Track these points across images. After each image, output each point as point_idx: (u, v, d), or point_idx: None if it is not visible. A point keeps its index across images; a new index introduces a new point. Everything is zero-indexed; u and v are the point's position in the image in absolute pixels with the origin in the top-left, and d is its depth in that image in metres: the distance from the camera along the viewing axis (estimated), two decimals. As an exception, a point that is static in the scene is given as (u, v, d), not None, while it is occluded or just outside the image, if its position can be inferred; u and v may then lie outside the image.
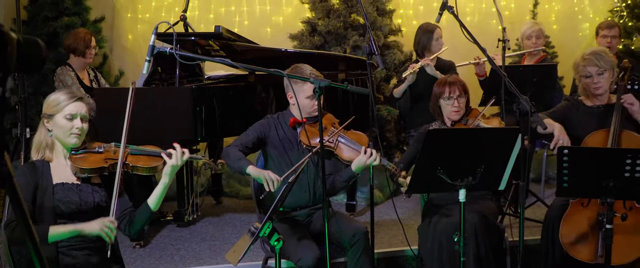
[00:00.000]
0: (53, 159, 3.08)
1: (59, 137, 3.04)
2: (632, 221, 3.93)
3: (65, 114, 2.99)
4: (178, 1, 6.51)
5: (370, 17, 6.26)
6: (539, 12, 7.54)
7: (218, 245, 4.89)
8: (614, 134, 4.05)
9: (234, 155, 3.80)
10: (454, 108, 4.22)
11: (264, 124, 4.03)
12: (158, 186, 3.13)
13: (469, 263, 3.82)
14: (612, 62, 4.23)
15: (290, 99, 3.97)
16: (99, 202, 3.09)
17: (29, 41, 1.45)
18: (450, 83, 4.24)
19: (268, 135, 4.00)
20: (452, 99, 4.21)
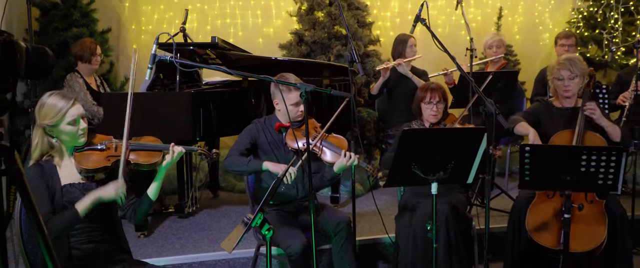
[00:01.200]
0: (60, 162, 2.99)
1: (67, 141, 2.97)
2: (592, 213, 3.95)
3: (69, 120, 2.89)
4: (178, 14, 6.48)
5: (351, 28, 6.29)
6: (502, 23, 7.57)
7: (215, 235, 4.86)
8: (578, 134, 4.07)
9: (241, 161, 3.84)
10: (432, 112, 4.26)
11: (253, 129, 4.04)
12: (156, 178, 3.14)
13: (440, 249, 3.84)
14: (584, 70, 4.25)
15: (276, 105, 3.98)
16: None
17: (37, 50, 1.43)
18: (432, 89, 4.28)
19: (258, 139, 4.01)
20: (431, 104, 4.24)
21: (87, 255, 2.99)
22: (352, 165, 3.77)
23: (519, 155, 3.51)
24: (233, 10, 7.16)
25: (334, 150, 3.85)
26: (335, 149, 3.85)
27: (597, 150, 3.47)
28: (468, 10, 7.58)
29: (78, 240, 2.97)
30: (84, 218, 2.89)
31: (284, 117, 3.94)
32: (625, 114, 5.40)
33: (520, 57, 7.49)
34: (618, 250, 4.08)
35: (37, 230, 1.40)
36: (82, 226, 2.96)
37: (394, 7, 7.50)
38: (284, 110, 3.77)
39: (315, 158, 3.90)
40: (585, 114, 4.12)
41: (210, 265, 4.44)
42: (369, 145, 6.42)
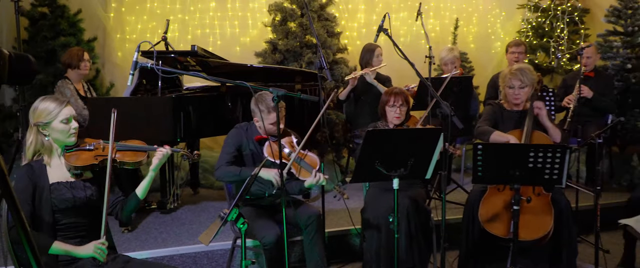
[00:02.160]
0: (50, 161, 2.96)
1: (59, 139, 2.94)
2: (539, 204, 4.00)
3: (62, 119, 2.89)
4: (160, 24, 6.43)
5: (321, 38, 6.31)
6: (459, 33, 7.64)
7: (195, 229, 4.83)
8: (526, 133, 4.13)
9: (232, 171, 3.87)
10: (396, 114, 4.29)
11: (236, 135, 4.04)
12: (145, 178, 3.13)
13: (402, 239, 3.87)
14: (534, 80, 4.30)
15: (256, 122, 4.00)
16: (90, 197, 3.00)
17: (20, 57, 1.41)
18: (396, 93, 4.31)
19: (242, 145, 4.01)
20: (395, 107, 4.27)
21: None
22: (320, 184, 3.80)
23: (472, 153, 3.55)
24: (212, 21, 7.13)
25: (306, 168, 3.87)
26: (307, 167, 3.87)
27: (543, 147, 3.51)
28: (427, 21, 7.64)
29: (65, 235, 2.93)
30: (67, 216, 2.91)
31: (263, 131, 3.97)
32: (570, 115, 5.49)
33: (474, 64, 7.57)
34: (564, 238, 4.13)
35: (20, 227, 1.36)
36: (69, 221, 2.93)
37: (360, 18, 7.53)
38: (266, 128, 3.88)
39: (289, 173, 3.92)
40: (533, 111, 4.17)
41: (190, 257, 4.40)
42: (338, 144, 6.45)
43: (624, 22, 6.57)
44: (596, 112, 5.85)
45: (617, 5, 6.61)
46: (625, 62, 6.47)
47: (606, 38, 6.69)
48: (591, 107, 5.75)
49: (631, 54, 6.50)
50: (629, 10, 6.55)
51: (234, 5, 7.16)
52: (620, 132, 6.41)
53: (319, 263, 3.90)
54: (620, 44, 6.56)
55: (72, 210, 2.93)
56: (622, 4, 6.58)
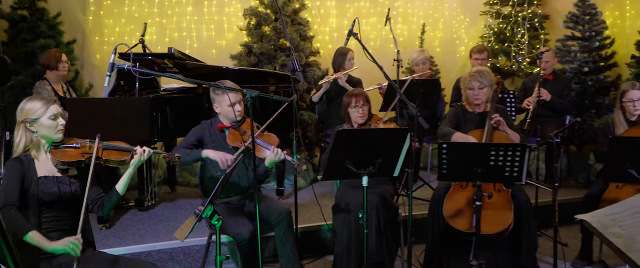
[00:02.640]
0: (38, 156, 2.98)
1: (46, 135, 2.96)
2: (500, 200, 4.04)
3: (50, 115, 2.92)
4: (138, 27, 6.37)
5: (294, 41, 6.31)
6: (425, 38, 7.70)
7: (172, 225, 4.78)
8: (487, 133, 4.17)
9: (185, 152, 3.87)
10: (359, 114, 4.28)
11: (199, 129, 4.06)
12: (124, 175, 3.13)
13: (371, 234, 3.87)
14: (492, 81, 4.36)
15: (216, 108, 4.00)
16: (75, 192, 3.01)
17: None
18: (356, 95, 4.32)
19: (204, 138, 4.01)
20: (357, 107, 4.27)
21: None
22: (279, 159, 3.79)
23: (437, 152, 3.58)
24: (189, 24, 7.08)
25: (265, 146, 3.86)
26: (266, 145, 3.86)
27: (504, 146, 3.55)
28: (396, 26, 7.68)
29: (48, 228, 2.92)
30: (52, 209, 2.93)
31: (226, 119, 3.96)
32: (530, 116, 5.55)
33: (440, 67, 7.63)
34: (523, 232, 4.18)
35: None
36: (52, 215, 2.94)
37: (332, 22, 7.54)
38: (224, 112, 3.90)
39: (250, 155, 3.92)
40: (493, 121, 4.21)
41: (167, 253, 4.36)
42: (310, 144, 6.45)
43: (581, 28, 6.67)
44: (554, 113, 5.92)
45: (575, 12, 6.70)
46: (583, 65, 6.56)
47: (564, 43, 6.78)
48: (549, 108, 5.81)
49: (588, 58, 6.60)
50: (586, 17, 6.65)
51: (210, 9, 7.12)
52: (578, 131, 6.51)
53: (290, 258, 3.89)
54: (578, 49, 6.65)
55: (57, 203, 2.95)
56: (580, 10, 6.68)
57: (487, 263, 4.02)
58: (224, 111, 3.94)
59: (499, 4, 7.59)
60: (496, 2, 7.60)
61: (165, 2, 6.97)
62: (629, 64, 6.12)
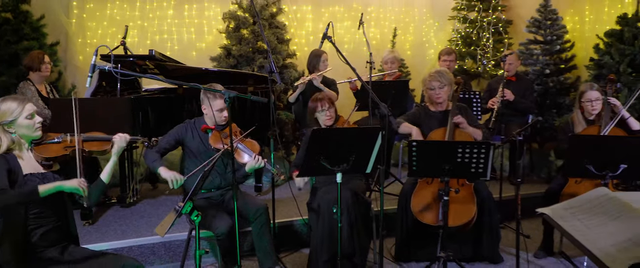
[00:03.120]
0: (21, 154, 2.92)
1: (25, 134, 2.91)
2: (464, 194, 4.08)
3: (26, 115, 2.87)
4: (120, 30, 6.29)
5: (271, 44, 6.30)
6: (397, 41, 7.73)
7: (154, 221, 4.74)
8: (449, 131, 4.20)
9: (150, 158, 3.85)
10: (326, 117, 4.28)
11: (182, 128, 4.03)
12: (108, 164, 3.13)
13: (344, 227, 3.88)
14: (451, 80, 4.39)
15: (204, 110, 3.97)
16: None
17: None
18: (320, 99, 4.31)
19: (185, 137, 3.99)
20: (324, 111, 4.27)
21: (38, 237, 2.89)
22: (259, 166, 3.79)
23: (408, 149, 3.59)
24: (170, 27, 7.01)
25: (246, 152, 3.86)
26: (247, 151, 3.86)
27: (470, 144, 3.59)
28: (369, 30, 7.69)
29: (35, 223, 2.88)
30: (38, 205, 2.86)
31: (211, 121, 3.94)
32: (494, 115, 5.60)
33: (411, 69, 7.65)
34: (486, 224, 4.24)
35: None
36: (38, 210, 2.88)
37: (308, 26, 7.53)
38: (211, 115, 3.86)
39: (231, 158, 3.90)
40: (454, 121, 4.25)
41: (148, 248, 4.32)
42: (287, 142, 6.43)
43: (543, 32, 6.73)
44: (518, 112, 5.97)
45: (537, 17, 6.77)
46: (544, 67, 6.63)
47: (527, 46, 6.84)
48: (513, 108, 5.86)
49: (549, 61, 6.67)
50: (548, 22, 6.72)
51: (190, 12, 7.06)
52: (539, 130, 6.57)
53: (268, 251, 3.88)
54: (540, 52, 6.72)
55: (43, 199, 2.86)
56: (542, 15, 6.75)
57: (453, 254, 4.06)
58: (210, 114, 3.90)
59: (466, 10, 7.65)
60: (463, 8, 7.66)
61: (147, 6, 6.90)
62: (587, 66, 6.21)
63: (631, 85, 5.19)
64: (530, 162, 6.51)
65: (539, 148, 6.68)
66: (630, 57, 5.37)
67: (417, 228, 4.21)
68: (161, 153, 3.92)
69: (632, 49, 5.37)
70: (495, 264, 4.33)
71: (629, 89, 5.16)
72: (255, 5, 6.33)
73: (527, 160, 6.43)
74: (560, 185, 4.36)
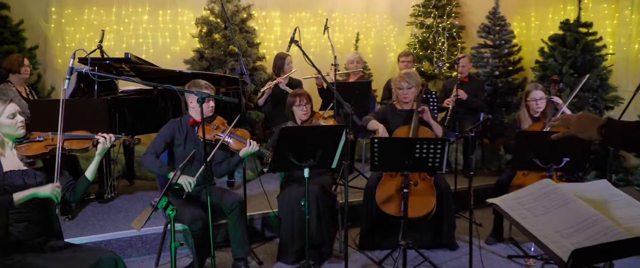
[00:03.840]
0: (3, 152, 2.86)
1: (8, 133, 2.85)
2: (423, 187, 4.11)
3: (8, 115, 2.82)
4: (97, 34, 6.13)
5: (242, 48, 6.25)
6: (359, 45, 7.74)
7: (131, 216, 4.65)
8: (413, 129, 4.22)
9: (156, 164, 3.75)
10: (303, 112, 4.26)
11: (169, 128, 3.92)
12: (92, 163, 3.07)
13: (312, 219, 3.88)
14: (418, 82, 4.43)
15: (190, 103, 3.90)
16: (40, 183, 2.88)
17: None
18: (299, 95, 4.29)
19: (174, 136, 3.89)
20: (301, 106, 4.25)
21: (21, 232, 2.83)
22: (254, 150, 3.76)
23: (370, 146, 3.60)
24: (145, 32, 6.89)
25: (240, 140, 3.81)
26: (241, 139, 3.81)
27: (427, 141, 3.61)
28: (333, 35, 7.69)
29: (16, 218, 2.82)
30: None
31: (197, 114, 3.84)
32: (449, 113, 5.66)
33: (373, 71, 7.68)
34: (444, 214, 4.28)
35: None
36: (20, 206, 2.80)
37: (277, 31, 7.48)
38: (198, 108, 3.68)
39: (223, 149, 3.86)
40: (419, 114, 4.29)
41: (126, 241, 4.25)
42: (258, 140, 6.34)
43: (493, 37, 6.83)
44: (470, 110, 6.05)
45: (487, 23, 6.86)
46: (494, 69, 6.73)
47: (478, 50, 6.93)
48: (466, 106, 5.93)
49: (499, 63, 6.77)
50: (497, 27, 6.82)
51: (165, 18, 6.95)
52: (490, 127, 6.66)
53: (241, 243, 3.85)
54: (489, 55, 6.81)
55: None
56: (491, 22, 6.84)
57: (414, 242, 4.09)
58: (197, 107, 3.76)
59: (423, 16, 7.71)
60: (420, 14, 7.72)
61: (123, 11, 6.77)
62: (533, 68, 6.31)
63: (573, 85, 5.30)
64: (482, 156, 6.59)
65: (489, 143, 6.76)
66: (571, 59, 5.48)
67: (381, 219, 4.23)
68: (156, 155, 3.82)
69: (573, 52, 5.48)
70: (452, 250, 4.38)
71: (571, 88, 5.26)
72: (227, 12, 6.27)
73: (479, 155, 6.51)
74: (509, 177, 4.43)
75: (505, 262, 4.20)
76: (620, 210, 1.89)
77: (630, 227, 1.79)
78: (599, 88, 5.36)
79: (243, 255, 3.85)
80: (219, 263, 4.16)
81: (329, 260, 4.14)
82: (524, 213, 1.89)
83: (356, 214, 4.61)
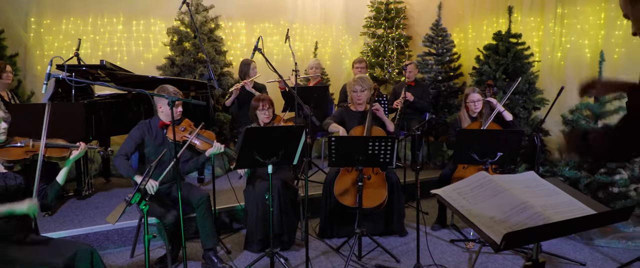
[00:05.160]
0: None
1: None
2: (377, 181, 4.14)
3: None
4: (75, 42, 5.95)
5: (210, 55, 6.15)
6: (318, 53, 7.73)
7: (107, 211, 4.52)
8: (367, 128, 4.25)
9: (126, 167, 3.61)
10: (265, 115, 4.22)
11: (139, 130, 3.80)
12: (63, 169, 3.03)
13: (275, 211, 3.86)
14: (371, 85, 4.47)
15: (159, 108, 3.80)
16: (20, 184, 2.83)
17: None
18: (262, 99, 4.25)
19: (144, 137, 3.79)
20: (264, 110, 4.21)
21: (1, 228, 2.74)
22: (220, 151, 3.72)
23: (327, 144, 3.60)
24: (120, 41, 6.70)
25: (206, 141, 3.76)
26: (207, 140, 3.76)
27: (378, 139, 3.64)
28: (294, 43, 7.67)
29: None
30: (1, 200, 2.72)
31: (166, 117, 3.76)
32: (398, 114, 5.71)
33: (330, 76, 7.69)
34: (395, 204, 4.31)
35: None
36: None
37: (242, 39, 7.40)
38: (167, 111, 3.70)
39: (190, 149, 3.79)
40: (373, 111, 4.32)
41: (103, 235, 4.13)
42: (225, 139, 6.31)
43: (436, 46, 6.93)
44: (417, 111, 6.11)
45: (431, 34, 6.96)
46: (437, 75, 6.83)
47: (423, 58, 7.01)
48: (413, 108, 6.01)
49: (441, 69, 6.87)
50: (439, 38, 6.91)
51: (138, 28, 6.78)
52: (434, 126, 6.76)
53: (209, 234, 3.79)
54: (433, 62, 6.91)
55: (3, 196, 2.74)
56: (434, 32, 6.94)
57: (368, 230, 4.11)
58: (166, 111, 3.74)
59: (374, 27, 7.76)
60: (372, 26, 7.77)
61: (98, 21, 6.58)
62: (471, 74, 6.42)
63: (505, 88, 5.42)
64: (428, 152, 6.67)
65: (434, 141, 6.86)
66: (503, 66, 5.60)
67: (338, 210, 4.24)
68: (127, 158, 3.69)
69: (505, 60, 5.61)
70: (402, 237, 4.42)
71: (503, 91, 5.38)
72: (196, 22, 6.18)
73: (424, 151, 6.60)
74: (451, 171, 4.50)
75: (448, 245, 4.27)
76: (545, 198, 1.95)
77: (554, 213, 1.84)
78: (527, 91, 5.50)
79: (212, 245, 3.79)
80: (190, 253, 4.09)
81: (292, 248, 4.13)
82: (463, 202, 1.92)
83: (316, 206, 4.62)
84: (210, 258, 3.77)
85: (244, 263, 3.85)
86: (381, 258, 3.96)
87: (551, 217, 1.79)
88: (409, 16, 7.90)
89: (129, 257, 4.00)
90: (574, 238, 4.35)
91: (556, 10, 5.72)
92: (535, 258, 1.99)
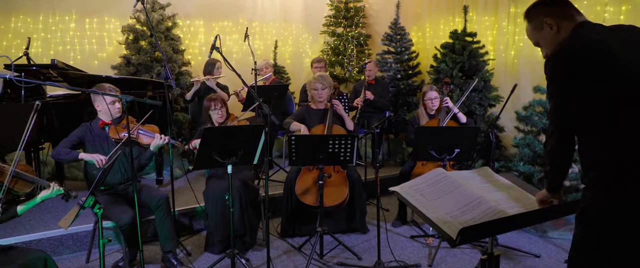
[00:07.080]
0: None
1: None
2: (338, 179, 4.15)
3: None
4: (24, 41, 5.74)
5: (167, 54, 6.05)
6: (278, 52, 7.71)
7: (61, 216, 4.35)
8: (328, 126, 4.26)
9: (64, 152, 3.54)
10: (218, 115, 4.17)
11: (81, 130, 3.72)
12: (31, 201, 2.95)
13: (236, 212, 3.82)
14: (331, 83, 4.49)
15: (97, 107, 3.71)
16: None
17: None
18: (213, 99, 4.20)
19: (85, 137, 3.69)
20: (217, 109, 4.16)
21: None
22: (164, 143, 3.68)
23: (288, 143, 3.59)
24: (72, 39, 6.50)
25: (149, 134, 3.71)
26: (149, 134, 3.71)
27: (338, 137, 3.65)
28: (254, 42, 7.62)
29: None
30: None
31: (106, 116, 3.68)
32: (359, 112, 5.75)
33: (290, 75, 7.68)
34: (356, 202, 4.34)
35: None
36: None
37: (201, 38, 7.30)
38: (105, 110, 3.63)
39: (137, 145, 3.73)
40: (333, 107, 4.34)
41: (57, 240, 4.00)
42: (185, 139, 6.21)
43: (395, 45, 7.00)
44: (377, 109, 6.16)
45: (389, 32, 7.03)
46: (396, 73, 6.90)
47: (383, 56, 7.07)
48: (373, 106, 6.04)
49: (400, 68, 6.94)
50: (398, 36, 6.98)
51: (91, 25, 6.59)
52: (394, 123, 6.84)
53: (169, 237, 3.72)
54: (392, 60, 6.98)
55: None
56: (393, 31, 7.01)
57: (329, 228, 4.13)
58: (104, 109, 3.66)
59: (334, 26, 7.79)
60: (332, 24, 7.80)
61: (50, 19, 6.35)
62: (429, 72, 6.52)
63: (461, 86, 5.53)
64: (388, 150, 6.74)
65: (394, 138, 6.94)
66: (460, 64, 5.72)
67: (300, 209, 4.23)
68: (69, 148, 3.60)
69: (461, 58, 5.72)
70: (363, 234, 4.45)
71: (460, 89, 5.49)
72: (152, 20, 6.05)
73: (384, 148, 6.66)
74: (411, 167, 4.56)
75: (408, 241, 4.33)
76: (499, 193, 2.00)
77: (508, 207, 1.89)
78: (483, 89, 5.64)
79: (171, 248, 3.73)
80: (149, 256, 4.01)
81: (253, 248, 4.10)
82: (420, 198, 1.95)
83: (277, 205, 4.60)
84: (170, 261, 3.71)
85: (205, 265, 3.80)
86: (343, 256, 3.98)
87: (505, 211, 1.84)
88: (368, 15, 7.97)
89: (84, 262, 3.89)
90: (529, 231, 4.48)
91: (510, 10, 5.88)
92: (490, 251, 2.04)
